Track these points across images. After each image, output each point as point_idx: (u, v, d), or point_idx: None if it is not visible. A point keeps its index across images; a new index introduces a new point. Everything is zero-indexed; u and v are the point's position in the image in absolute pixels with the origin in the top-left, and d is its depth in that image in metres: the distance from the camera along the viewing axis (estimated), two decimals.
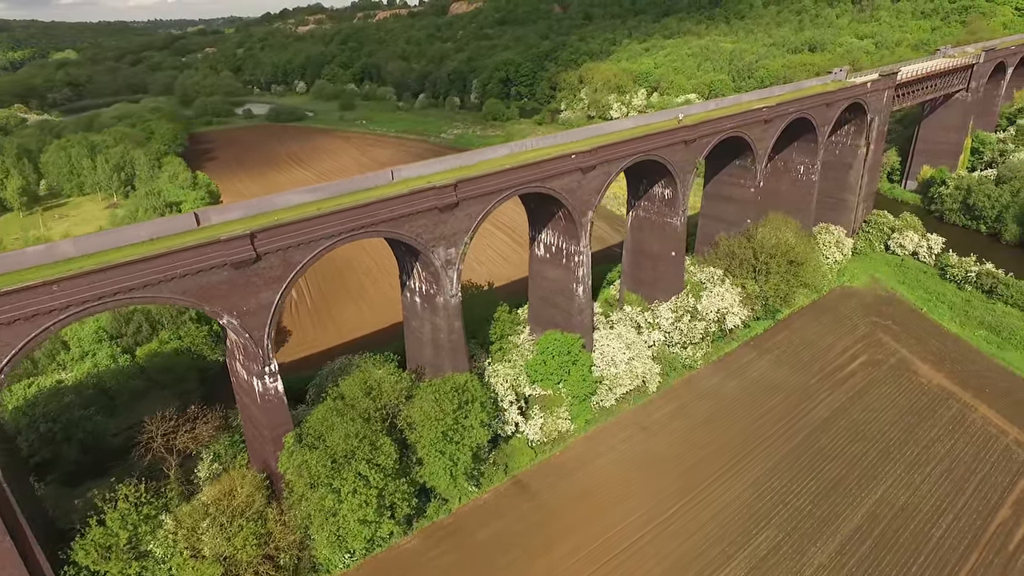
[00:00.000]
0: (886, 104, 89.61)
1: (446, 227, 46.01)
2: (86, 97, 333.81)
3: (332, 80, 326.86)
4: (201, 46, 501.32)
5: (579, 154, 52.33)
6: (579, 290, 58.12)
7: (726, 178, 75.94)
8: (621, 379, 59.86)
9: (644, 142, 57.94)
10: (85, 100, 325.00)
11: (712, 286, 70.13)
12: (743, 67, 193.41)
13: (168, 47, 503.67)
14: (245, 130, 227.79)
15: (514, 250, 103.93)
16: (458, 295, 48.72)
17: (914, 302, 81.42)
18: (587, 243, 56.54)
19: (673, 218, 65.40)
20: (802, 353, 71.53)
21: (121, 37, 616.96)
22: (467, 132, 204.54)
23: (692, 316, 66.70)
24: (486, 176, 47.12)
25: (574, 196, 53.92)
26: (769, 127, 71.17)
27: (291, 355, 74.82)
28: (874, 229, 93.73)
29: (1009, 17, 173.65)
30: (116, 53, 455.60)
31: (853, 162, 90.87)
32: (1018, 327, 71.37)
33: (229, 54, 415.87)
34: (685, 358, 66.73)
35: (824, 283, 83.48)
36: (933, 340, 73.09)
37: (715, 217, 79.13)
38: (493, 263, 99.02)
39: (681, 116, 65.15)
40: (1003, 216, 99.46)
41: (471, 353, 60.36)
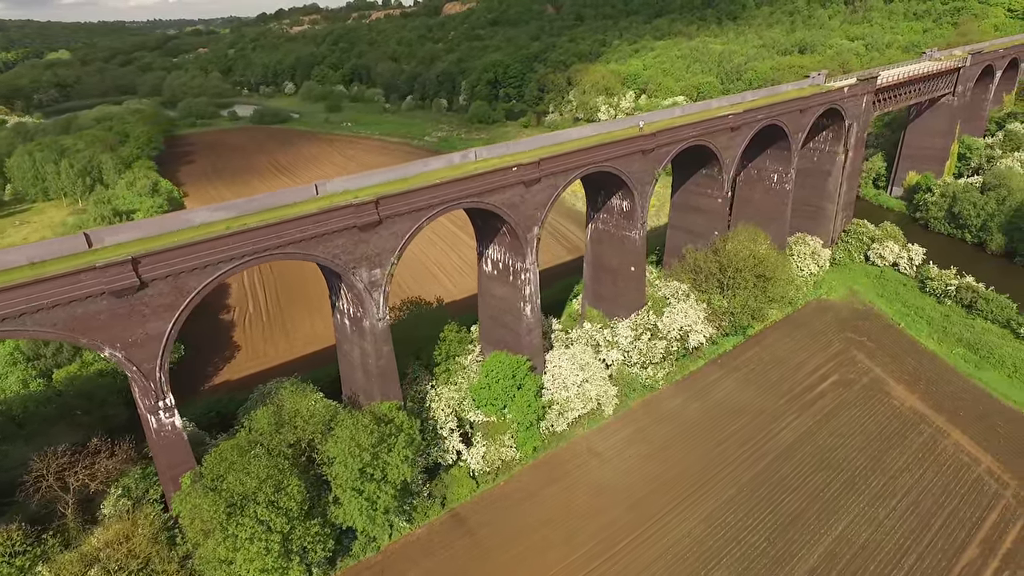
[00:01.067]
0: (865, 109, 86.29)
1: (368, 247, 42.76)
2: (74, 98, 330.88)
3: (322, 81, 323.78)
4: (194, 47, 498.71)
5: (521, 167, 49.06)
6: (527, 309, 54.86)
7: (693, 188, 72.67)
8: (573, 403, 56.57)
9: (596, 152, 54.68)
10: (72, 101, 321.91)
11: (676, 302, 66.85)
12: (731, 69, 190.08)
13: (160, 47, 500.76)
14: (228, 132, 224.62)
15: None
16: (385, 319, 45.46)
17: (891, 317, 78.12)
18: (534, 260, 53.27)
19: (632, 231, 62.12)
20: (771, 372, 68.23)
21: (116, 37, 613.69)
22: (451, 135, 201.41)
23: (652, 334, 63.40)
24: (414, 192, 43.87)
25: (517, 211, 50.64)
26: (736, 135, 67.88)
27: (238, 372, 71.55)
28: (853, 239, 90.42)
29: (1001, 19, 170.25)
30: (107, 53, 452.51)
31: (832, 169, 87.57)
32: (996, 345, 68.02)
33: (220, 55, 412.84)
34: (645, 378, 63.44)
35: (799, 296, 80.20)
36: (909, 358, 69.78)
37: (683, 228, 75.86)
38: (459, 273, 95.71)
39: (642, 124, 61.91)
40: (988, 225, 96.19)
41: (414, 375, 57.23)
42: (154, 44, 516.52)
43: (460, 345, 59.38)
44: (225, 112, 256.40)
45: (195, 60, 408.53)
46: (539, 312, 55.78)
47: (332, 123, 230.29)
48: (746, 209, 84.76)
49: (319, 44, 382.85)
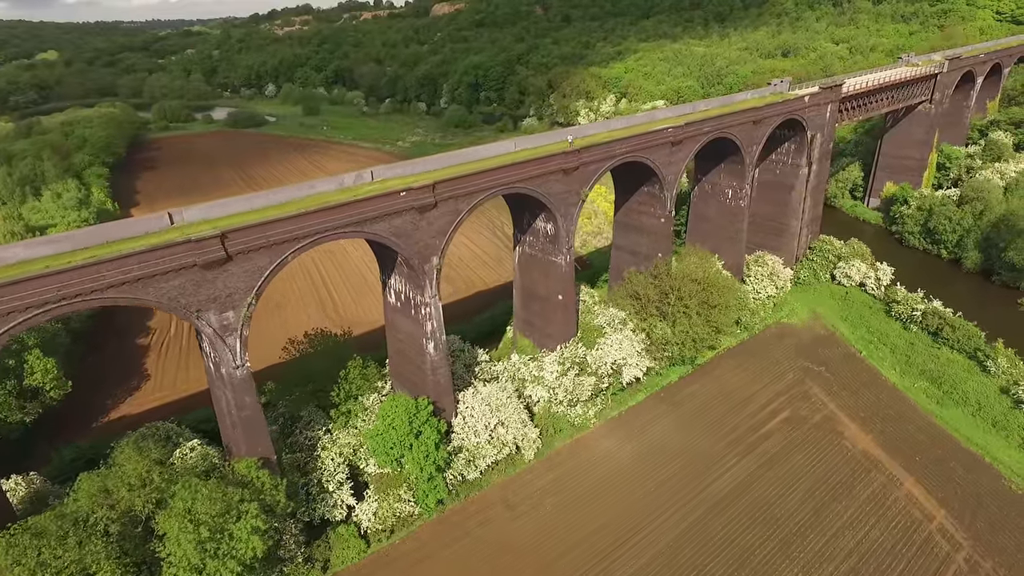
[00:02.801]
0: (830, 119, 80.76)
1: (215, 287, 37.32)
2: (53, 100, 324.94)
3: (304, 84, 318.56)
4: (182, 47, 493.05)
5: (412, 191, 43.58)
6: (429, 347, 49.36)
7: (636, 206, 67.22)
8: (484, 449, 51.07)
9: (507, 172, 49.23)
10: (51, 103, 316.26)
11: (612, 332, 61.33)
12: (712, 73, 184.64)
13: (147, 48, 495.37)
14: (199, 137, 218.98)
15: None
16: (244, 366, 40.00)
17: (854, 343, 72.59)
18: (434, 293, 47.79)
19: (557, 256, 56.63)
20: (717, 408, 62.70)
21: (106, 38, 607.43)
22: (426, 140, 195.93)
23: (581, 369, 57.87)
24: (277, 222, 38.44)
25: (411, 240, 45.18)
26: (678, 150, 62.37)
27: (141, 405, 66.01)
28: (819, 257, 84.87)
29: (988, 22, 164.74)
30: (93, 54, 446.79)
31: (795, 183, 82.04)
32: (960, 379, 62.48)
33: (205, 56, 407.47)
34: (574, 417, 57.90)
35: (755, 321, 74.67)
36: (867, 392, 64.25)
37: (627, 249, 70.39)
38: None
39: (570, 139, 56.36)
40: (964, 241, 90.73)
41: (308, 419, 51.75)
42: (141, 45, 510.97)
43: (366, 383, 53.86)
44: (199, 115, 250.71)
45: (179, 61, 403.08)
46: (444, 349, 50.27)
47: (307, 127, 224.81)
48: (702, 226, 79.32)
49: (304, 46, 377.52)
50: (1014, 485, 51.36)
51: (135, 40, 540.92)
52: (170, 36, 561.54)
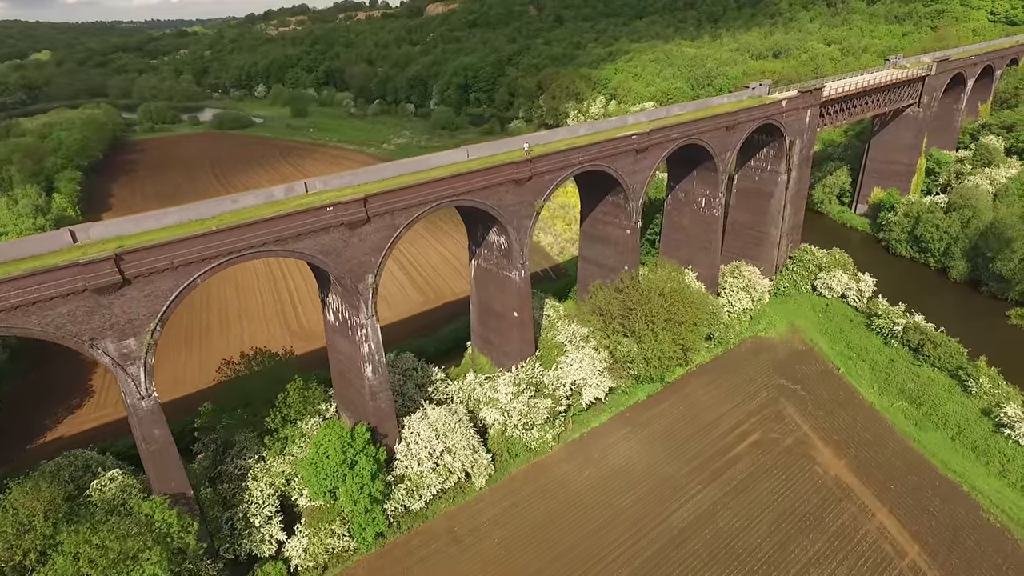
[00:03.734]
0: (810, 124, 77.61)
1: (112, 313, 34.18)
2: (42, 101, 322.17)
3: (295, 84, 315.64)
4: (177, 48, 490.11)
5: (339, 206, 40.45)
6: (367, 370, 46.24)
7: (601, 216, 64.09)
8: (428, 478, 47.94)
9: (455, 183, 46.12)
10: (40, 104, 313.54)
11: (573, 349, 58.18)
12: (702, 74, 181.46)
13: (141, 48, 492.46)
14: (184, 139, 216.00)
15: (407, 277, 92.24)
16: (150, 397, 36.87)
17: (832, 359, 69.41)
18: (370, 314, 44.68)
19: (512, 272, 53.50)
20: (684, 429, 59.53)
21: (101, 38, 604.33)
22: (412, 142, 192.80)
23: (537, 391, 54.71)
24: (180, 242, 35.25)
25: (341, 258, 42.05)
26: (644, 158, 59.22)
27: (81, 425, 62.84)
28: (799, 267, 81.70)
29: (982, 23, 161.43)
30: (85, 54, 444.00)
31: (774, 191, 78.88)
32: (940, 399, 59.28)
33: (197, 56, 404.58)
34: (531, 441, 54.73)
35: (729, 336, 71.51)
36: (843, 413, 61.05)
37: (593, 261, 67.26)
38: None
39: (527, 147, 53.17)
40: (951, 250, 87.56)
41: (241, 446, 48.62)
42: (135, 45, 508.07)
43: (306, 406, 50.71)
44: (186, 116, 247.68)
45: (170, 62, 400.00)
46: (384, 373, 47.13)
47: (293, 128, 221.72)
48: (676, 236, 76.19)
49: (297, 46, 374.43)
50: (992, 517, 48.18)
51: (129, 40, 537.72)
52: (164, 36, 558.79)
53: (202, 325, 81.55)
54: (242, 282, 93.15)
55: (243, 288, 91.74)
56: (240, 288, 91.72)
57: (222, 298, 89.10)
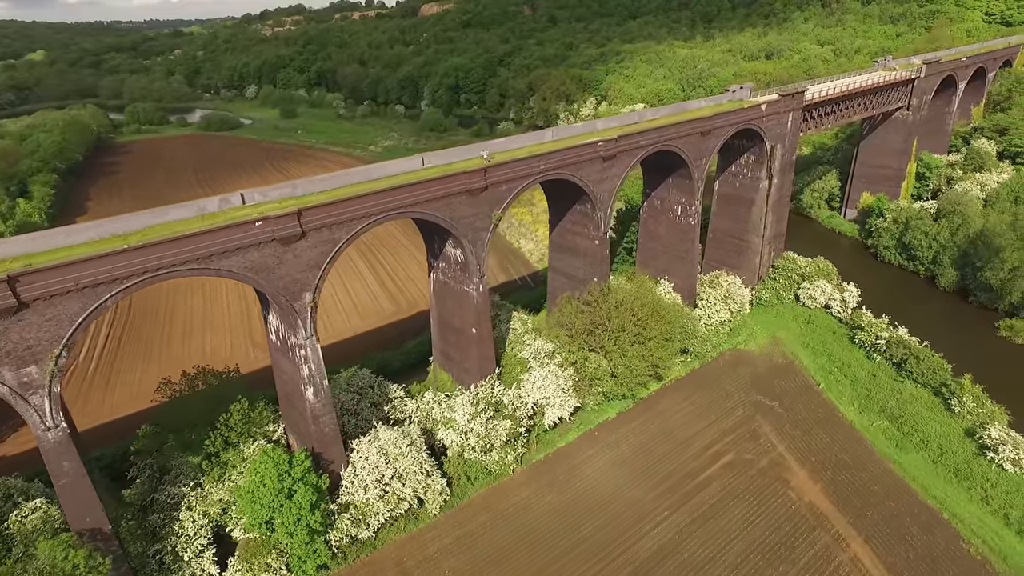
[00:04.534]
0: (792, 129, 74.91)
1: (7, 339, 31.49)
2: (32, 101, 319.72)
3: (287, 85, 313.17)
4: (171, 48, 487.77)
5: (271, 220, 37.76)
6: (308, 392, 43.58)
7: (569, 225, 61.39)
8: (375, 506, 45.25)
9: (403, 194, 43.46)
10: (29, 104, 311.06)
11: (538, 366, 55.49)
12: (693, 76, 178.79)
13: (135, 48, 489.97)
14: (170, 141, 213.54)
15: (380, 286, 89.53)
16: (57, 428, 34.14)
17: (813, 374, 66.71)
18: (309, 334, 42.00)
19: (468, 286, 50.82)
20: (655, 449, 56.83)
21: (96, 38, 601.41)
22: (399, 144, 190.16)
23: (496, 411, 52.01)
24: (84, 262, 32.53)
25: (273, 276, 39.38)
26: (611, 165, 56.53)
27: (22, 446, 60.00)
28: (782, 276, 78.97)
29: (977, 23, 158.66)
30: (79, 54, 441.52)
31: (755, 198, 76.20)
32: (923, 418, 56.56)
33: (190, 57, 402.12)
34: (490, 463, 52.01)
35: (707, 350, 68.80)
36: (821, 432, 58.33)
37: (562, 272, 64.57)
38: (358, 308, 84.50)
39: (486, 154, 50.56)
40: (940, 258, 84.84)
41: (177, 472, 45.93)
42: (129, 45, 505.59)
43: (251, 428, 48.02)
44: (174, 118, 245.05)
45: (163, 63, 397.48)
46: (327, 395, 44.44)
47: (280, 130, 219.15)
48: (652, 245, 73.52)
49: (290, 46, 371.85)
50: (973, 548, 45.47)
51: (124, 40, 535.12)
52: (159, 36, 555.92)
53: (163, 336, 78.86)
54: (210, 291, 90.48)
55: (210, 297, 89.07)
56: (207, 297, 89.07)
57: (187, 307, 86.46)
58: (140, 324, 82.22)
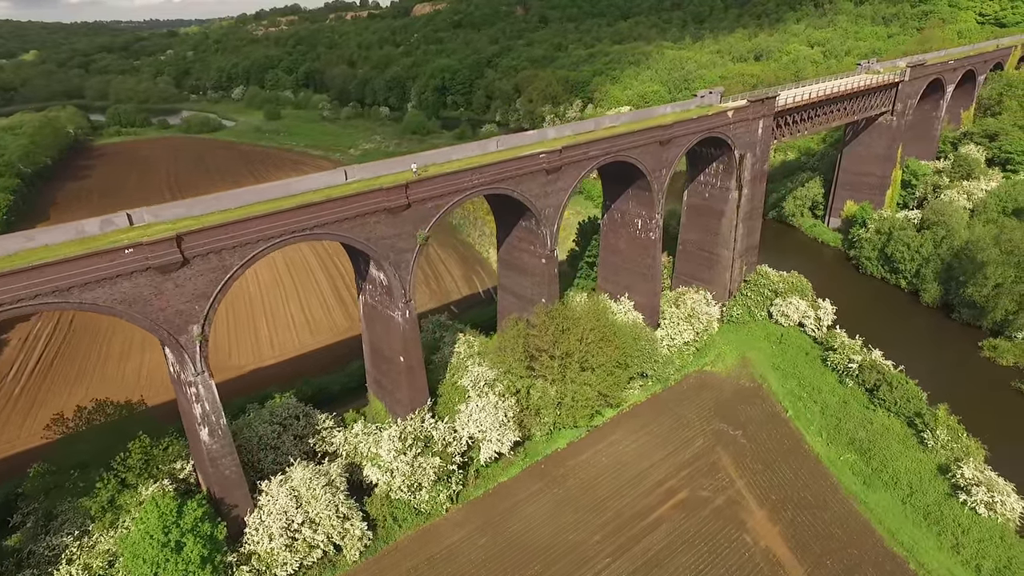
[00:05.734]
0: (763, 137, 70.64)
1: None
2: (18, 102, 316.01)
3: (275, 86, 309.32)
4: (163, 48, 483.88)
5: (143, 247, 33.60)
6: (203, 433, 39.46)
7: (516, 242, 57.22)
8: (280, 556, 41.07)
9: (305, 214, 39.25)
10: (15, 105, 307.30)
11: (476, 396, 51.29)
12: (680, 77, 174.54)
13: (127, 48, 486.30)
14: (149, 143, 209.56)
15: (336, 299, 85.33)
16: None
17: (781, 399, 62.46)
18: (200, 370, 37.88)
19: (394, 312, 46.63)
20: (604, 485, 52.56)
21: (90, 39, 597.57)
22: (380, 147, 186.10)
23: (426, 446, 47.82)
24: None
25: (151, 309, 35.27)
26: (557, 179, 52.33)
27: None
28: (754, 292, 74.69)
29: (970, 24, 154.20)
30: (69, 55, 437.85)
31: (725, 209, 71.97)
32: (893, 453, 52.28)
33: (180, 57, 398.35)
34: (420, 503, 47.81)
35: (670, 372, 64.56)
36: (785, 466, 54.07)
37: (511, 291, 60.44)
38: (297, 326, 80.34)
39: (415, 167, 46.46)
40: (923, 272, 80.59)
41: (64, 519, 41.76)
42: (121, 45, 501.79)
43: (152, 467, 43.83)
44: (156, 120, 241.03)
45: (153, 63, 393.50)
46: (225, 436, 40.28)
47: (263, 133, 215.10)
48: (612, 260, 69.33)
49: (281, 47, 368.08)
50: None
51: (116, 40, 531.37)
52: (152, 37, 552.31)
53: (100, 355, 74.73)
54: None
55: None
56: None
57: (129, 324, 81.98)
58: (78, 342, 78.15)
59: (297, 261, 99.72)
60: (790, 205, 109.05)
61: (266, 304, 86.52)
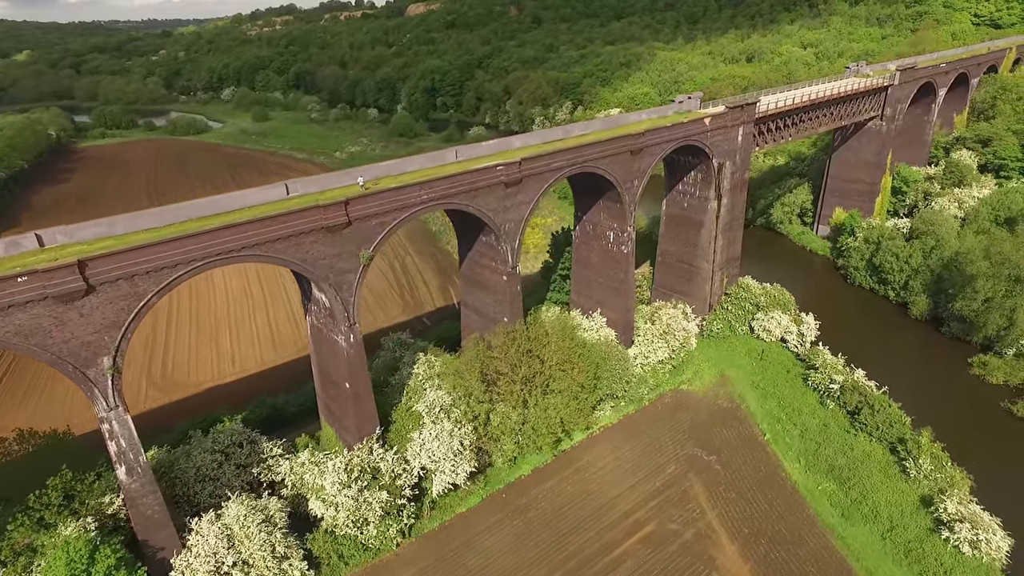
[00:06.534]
0: (743, 145, 67.68)
1: None
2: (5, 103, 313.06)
3: (265, 87, 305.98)
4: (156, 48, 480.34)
5: (40, 274, 30.59)
6: (120, 472, 36.53)
7: (477, 257, 54.23)
8: None
9: (229, 235, 36.21)
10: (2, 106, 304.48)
11: (431, 422, 48.26)
12: (670, 79, 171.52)
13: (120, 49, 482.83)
14: (134, 145, 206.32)
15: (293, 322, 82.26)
16: None
17: (759, 421, 59.47)
18: (114, 404, 34.87)
19: (338, 336, 43.63)
20: (568, 516, 49.58)
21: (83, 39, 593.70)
22: (366, 150, 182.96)
23: (373, 478, 44.83)
24: None
25: (51, 340, 32.28)
26: (517, 192, 49.34)
27: None
28: (735, 305, 71.73)
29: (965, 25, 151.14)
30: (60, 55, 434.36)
31: (704, 219, 69.00)
32: (874, 484, 49.32)
33: (172, 58, 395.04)
34: (368, 539, 44.81)
35: (643, 392, 61.58)
36: (760, 496, 51.08)
37: (474, 308, 57.44)
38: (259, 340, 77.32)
39: (362, 181, 43.47)
40: (911, 283, 77.68)
41: None
42: (115, 46, 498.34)
43: (74, 504, 40.79)
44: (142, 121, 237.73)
45: (145, 63, 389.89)
46: (145, 474, 37.26)
47: (248, 134, 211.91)
48: (585, 274, 66.33)
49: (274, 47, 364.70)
50: None
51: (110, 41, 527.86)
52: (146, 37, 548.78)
53: (50, 373, 71.59)
54: None
55: None
56: None
57: None
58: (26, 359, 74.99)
59: (268, 268, 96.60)
60: (778, 212, 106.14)
61: (232, 316, 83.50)
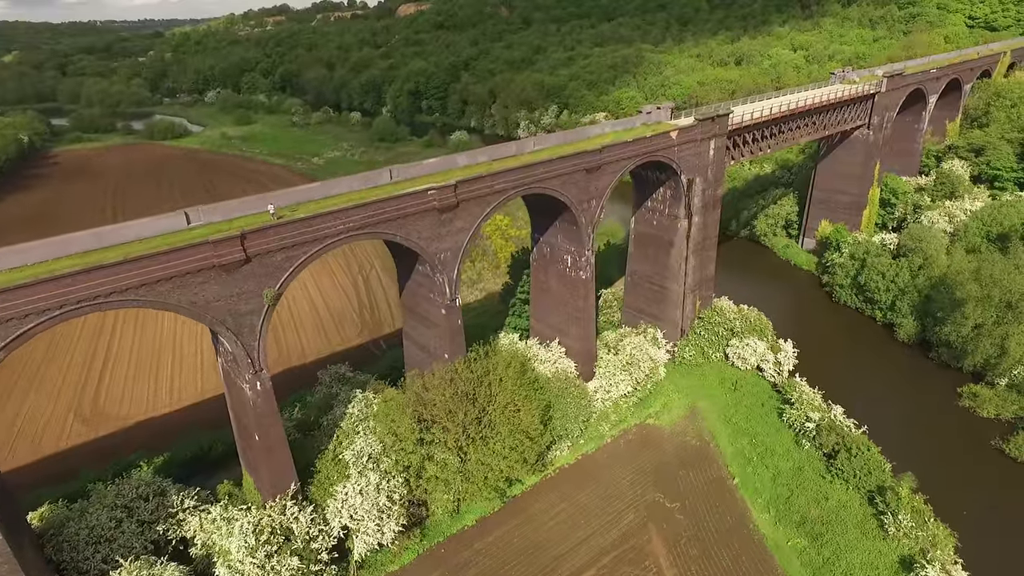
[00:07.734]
0: (715, 159, 62.92)
1: None
2: None
3: (250, 90, 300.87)
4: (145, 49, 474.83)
5: None
6: None
7: (416, 287, 49.43)
8: None
9: (101, 276, 31.40)
10: None
11: (358, 473, 43.43)
12: (656, 83, 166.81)
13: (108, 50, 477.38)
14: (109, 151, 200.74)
15: None
16: None
17: (729, 463, 54.72)
18: None
19: (243, 384, 38.81)
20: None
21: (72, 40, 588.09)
22: (346, 155, 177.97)
23: (286, 541, 39.99)
24: None
25: None
26: (454, 218, 44.54)
27: None
28: (708, 330, 66.99)
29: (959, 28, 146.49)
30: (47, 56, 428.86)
31: (674, 239, 64.27)
32: (849, 540, 44.52)
33: (158, 59, 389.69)
34: None
35: (605, 429, 56.82)
36: (724, 552, 46.26)
37: (415, 342, 52.60)
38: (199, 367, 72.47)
39: (272, 208, 38.61)
40: (898, 304, 72.97)
41: None
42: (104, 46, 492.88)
43: None
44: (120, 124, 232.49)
45: (131, 65, 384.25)
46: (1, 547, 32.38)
47: (228, 139, 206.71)
48: (543, 300, 61.52)
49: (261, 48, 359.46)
50: None
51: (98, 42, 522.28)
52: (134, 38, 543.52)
53: None
54: (59, 336, 78.42)
55: (56, 344, 77.05)
56: (53, 344, 77.00)
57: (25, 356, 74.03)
58: None
59: None
60: (762, 224, 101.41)
61: (177, 339, 78.58)
